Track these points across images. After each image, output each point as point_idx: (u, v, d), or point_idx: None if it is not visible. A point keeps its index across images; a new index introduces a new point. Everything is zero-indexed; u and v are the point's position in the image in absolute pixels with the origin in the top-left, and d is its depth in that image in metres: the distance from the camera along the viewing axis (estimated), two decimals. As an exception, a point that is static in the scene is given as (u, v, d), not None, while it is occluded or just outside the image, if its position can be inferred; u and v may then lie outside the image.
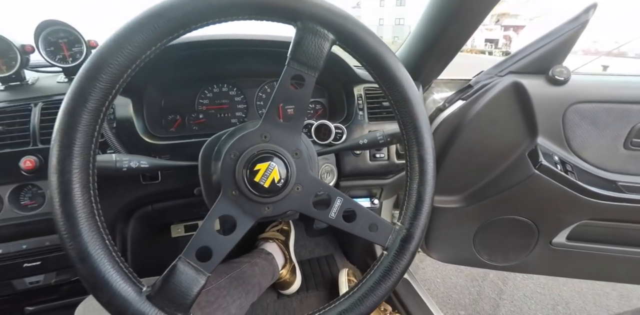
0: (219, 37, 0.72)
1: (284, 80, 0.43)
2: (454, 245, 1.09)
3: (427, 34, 0.79)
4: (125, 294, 0.35)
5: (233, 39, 0.73)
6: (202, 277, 0.38)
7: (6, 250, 0.63)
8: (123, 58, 0.36)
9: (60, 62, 0.72)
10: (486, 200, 0.99)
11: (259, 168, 0.42)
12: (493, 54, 17.13)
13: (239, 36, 0.74)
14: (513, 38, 18.95)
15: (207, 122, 0.84)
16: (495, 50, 17.59)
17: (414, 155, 0.47)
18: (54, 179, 0.35)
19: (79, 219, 0.35)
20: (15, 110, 0.66)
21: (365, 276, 0.45)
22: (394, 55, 0.45)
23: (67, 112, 0.35)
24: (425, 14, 0.78)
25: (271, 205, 0.43)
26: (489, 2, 0.70)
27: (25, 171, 0.62)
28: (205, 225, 0.40)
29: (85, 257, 0.34)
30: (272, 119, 0.44)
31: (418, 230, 0.46)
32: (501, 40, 19.41)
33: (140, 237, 0.74)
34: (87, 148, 0.36)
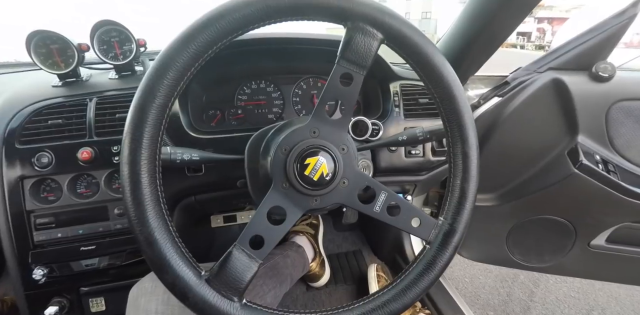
0: (259, 35, 0.75)
1: (334, 78, 0.44)
2: (486, 244, 1.07)
3: (466, 30, 0.78)
4: (187, 278, 0.38)
5: (273, 37, 0.76)
6: (254, 263, 0.40)
7: (64, 234, 0.68)
8: (188, 57, 0.39)
9: (112, 59, 0.77)
10: (521, 199, 0.97)
11: (309, 162, 0.43)
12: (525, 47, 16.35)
13: (278, 35, 0.76)
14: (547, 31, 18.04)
15: (245, 118, 0.87)
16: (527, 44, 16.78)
17: (458, 152, 0.48)
18: (126, 169, 0.38)
19: (147, 206, 0.38)
20: (72, 104, 0.70)
21: (408, 269, 0.46)
22: (441, 54, 0.46)
23: (138, 108, 0.38)
24: (466, 10, 0.77)
25: (319, 198, 0.45)
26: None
27: (82, 161, 0.67)
28: (257, 215, 0.42)
29: (152, 242, 0.37)
30: (321, 115, 0.45)
31: (461, 225, 0.47)
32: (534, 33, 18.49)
33: (182, 226, 0.78)
34: (154, 141, 0.39)
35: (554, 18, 23.56)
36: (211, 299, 0.38)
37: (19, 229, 0.67)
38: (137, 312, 0.53)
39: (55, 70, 0.73)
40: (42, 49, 0.72)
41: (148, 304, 0.53)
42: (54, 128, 0.68)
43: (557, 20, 23.49)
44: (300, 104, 0.91)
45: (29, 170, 0.66)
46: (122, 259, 0.69)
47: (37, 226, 0.67)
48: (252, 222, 0.42)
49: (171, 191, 0.71)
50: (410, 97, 0.84)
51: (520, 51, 16.42)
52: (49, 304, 0.68)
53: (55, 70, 0.73)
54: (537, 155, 0.93)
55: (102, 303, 0.72)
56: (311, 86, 0.91)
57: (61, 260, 0.67)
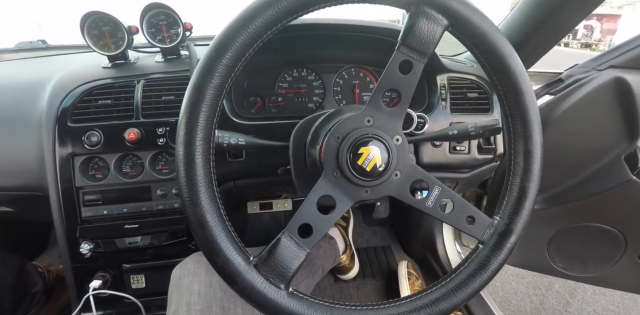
0: (305, 21, 0.73)
1: (392, 65, 0.42)
2: (526, 248, 1.02)
3: (530, 17, 0.73)
4: (236, 262, 0.37)
5: (319, 23, 0.74)
6: (302, 252, 0.40)
7: (110, 212, 0.70)
8: (247, 36, 0.38)
9: (159, 42, 0.77)
10: (569, 205, 0.91)
11: (362, 151, 0.42)
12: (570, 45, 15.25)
13: (324, 21, 0.74)
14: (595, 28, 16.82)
15: (285, 105, 0.86)
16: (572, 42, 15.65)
17: (520, 149, 0.46)
18: (181, 149, 0.38)
19: (200, 188, 0.37)
20: (121, 86, 0.72)
21: (458, 268, 0.44)
22: (509, 45, 0.44)
23: (196, 87, 0.38)
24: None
25: (369, 189, 0.43)
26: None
27: (128, 142, 0.68)
28: (307, 203, 0.41)
29: (204, 224, 0.37)
30: (376, 103, 0.43)
31: (518, 226, 0.44)
32: (581, 31, 17.25)
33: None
34: (210, 122, 0.39)
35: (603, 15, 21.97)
36: (259, 285, 0.37)
37: (68, 204, 0.70)
38: (180, 291, 0.54)
39: (105, 51, 0.75)
40: (95, 30, 0.74)
41: (191, 285, 0.54)
42: (103, 108, 0.70)
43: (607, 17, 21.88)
44: (341, 94, 0.89)
45: (79, 148, 0.68)
46: (163, 239, 0.70)
47: (85, 202, 0.70)
48: (301, 210, 0.41)
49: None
50: (457, 91, 0.80)
51: (564, 49, 15.43)
52: (93, 277, 0.71)
53: (105, 52, 0.75)
54: (589, 159, 0.87)
55: (142, 280, 0.74)
56: (353, 76, 0.89)
57: (106, 236, 0.70)
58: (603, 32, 16.15)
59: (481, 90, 0.80)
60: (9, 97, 0.76)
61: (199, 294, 0.52)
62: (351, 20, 0.73)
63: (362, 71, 0.89)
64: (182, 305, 0.51)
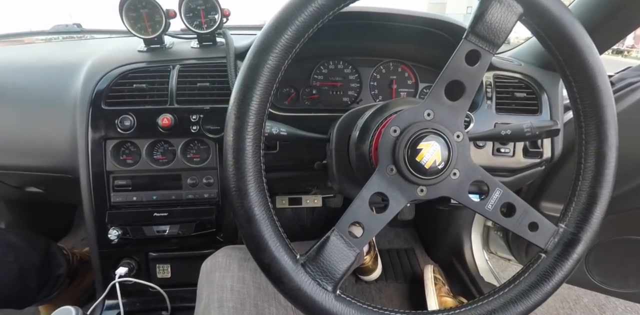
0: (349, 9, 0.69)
1: (459, 55, 0.39)
2: None
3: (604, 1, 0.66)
4: (283, 260, 0.35)
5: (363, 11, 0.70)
6: (352, 252, 0.37)
7: (139, 198, 0.69)
8: (308, 15, 0.35)
9: (196, 28, 0.75)
10: (612, 216, 0.85)
11: (422, 147, 0.38)
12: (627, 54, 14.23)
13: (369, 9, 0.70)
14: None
15: (319, 98, 0.84)
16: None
17: (591, 151, 0.42)
18: (231, 135, 0.35)
19: (249, 178, 0.35)
20: (156, 70, 0.70)
21: (518, 277, 0.40)
22: (589, 38, 0.40)
23: (251, 67, 0.35)
24: None
25: (425, 188, 0.40)
26: None
27: (161, 128, 0.67)
28: (358, 200, 0.38)
29: (251, 218, 0.35)
30: (438, 96, 0.40)
31: (587, 235, 0.41)
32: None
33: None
34: (264, 106, 0.36)
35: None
36: (306, 286, 0.34)
37: (98, 188, 0.69)
38: (210, 286, 0.52)
39: (142, 34, 0.74)
40: (133, 12, 0.72)
41: (223, 280, 0.51)
42: (137, 92, 0.68)
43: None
44: (377, 89, 0.85)
45: (112, 132, 0.67)
46: (192, 229, 0.69)
47: (115, 187, 0.69)
48: (353, 207, 0.38)
49: None
50: (504, 90, 0.75)
51: (608, 58, 14.59)
52: (119, 264, 0.70)
53: (142, 35, 0.74)
54: (638, 169, 0.81)
55: (168, 270, 0.73)
56: (391, 71, 0.85)
57: (135, 223, 0.69)
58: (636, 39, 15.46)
59: (530, 90, 0.75)
60: (44, 77, 0.75)
61: (232, 290, 0.50)
62: (402, 10, 0.69)
63: (401, 66, 0.85)
64: (213, 301, 0.49)
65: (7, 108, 0.74)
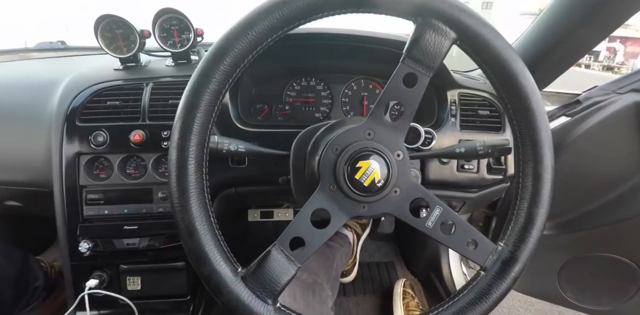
0: (315, 30, 0.73)
1: (396, 78, 0.41)
2: (535, 276, 0.97)
3: (546, 37, 0.71)
4: (223, 273, 0.36)
5: (329, 33, 0.73)
6: (293, 266, 0.38)
7: (111, 212, 0.70)
8: (246, 43, 0.37)
9: (170, 47, 0.78)
10: (582, 233, 0.87)
11: (361, 165, 0.40)
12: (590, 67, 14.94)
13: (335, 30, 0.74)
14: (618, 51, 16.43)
15: (292, 114, 0.86)
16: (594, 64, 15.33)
17: (529, 172, 0.44)
18: (174, 154, 0.37)
19: (191, 194, 0.37)
20: (130, 88, 0.73)
21: (457, 295, 0.41)
22: (521, 62, 0.42)
23: (192, 92, 0.38)
24: (549, 11, 0.70)
25: (367, 205, 0.42)
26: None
27: (133, 143, 0.69)
28: (300, 216, 0.40)
29: (192, 231, 0.36)
30: (378, 116, 0.42)
31: (524, 254, 0.42)
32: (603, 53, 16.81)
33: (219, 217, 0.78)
34: (205, 127, 0.38)
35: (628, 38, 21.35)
36: (245, 298, 0.36)
37: (71, 202, 0.70)
38: None
39: (117, 54, 0.77)
40: (108, 33, 0.75)
41: None
42: (111, 109, 0.71)
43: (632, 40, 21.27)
44: (349, 105, 0.88)
45: (85, 148, 0.69)
46: (161, 241, 0.70)
47: (87, 201, 0.70)
48: (295, 223, 0.39)
49: (213, 181, 0.70)
50: (468, 107, 0.78)
51: (585, 71, 14.93)
52: (90, 276, 0.71)
53: (117, 54, 0.76)
54: (607, 186, 0.83)
55: (138, 282, 0.73)
56: (362, 87, 0.88)
57: (106, 236, 0.70)
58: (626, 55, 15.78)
59: (493, 108, 0.78)
60: (24, 94, 0.78)
61: None
62: (358, 31, 0.72)
63: (372, 83, 0.88)
64: None
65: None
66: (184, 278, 0.75)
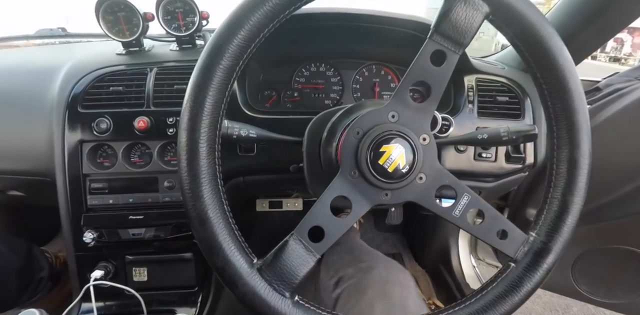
0: (328, 10, 0.69)
1: (423, 55, 0.38)
2: None
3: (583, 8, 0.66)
4: (238, 264, 0.34)
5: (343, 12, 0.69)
6: (312, 257, 0.36)
7: (116, 201, 0.68)
8: (263, 15, 0.34)
9: (175, 30, 0.75)
10: (599, 225, 0.84)
11: (385, 150, 0.38)
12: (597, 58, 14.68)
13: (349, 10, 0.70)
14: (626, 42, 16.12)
15: (301, 101, 0.83)
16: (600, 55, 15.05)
17: (563, 157, 0.41)
18: (184, 136, 0.35)
19: (202, 180, 0.34)
20: (133, 73, 0.70)
21: (485, 288, 0.39)
22: (559, 38, 0.39)
23: (204, 68, 0.35)
24: None
25: (390, 192, 0.39)
26: None
27: (138, 130, 0.66)
28: (320, 204, 0.37)
29: (205, 220, 0.34)
30: (403, 97, 0.39)
31: (557, 245, 0.39)
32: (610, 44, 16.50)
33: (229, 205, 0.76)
34: (218, 107, 0.35)
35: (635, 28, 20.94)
36: (261, 291, 0.33)
37: (75, 192, 0.68)
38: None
39: (120, 37, 0.74)
40: (110, 15, 0.72)
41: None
42: (114, 95, 0.68)
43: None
44: (360, 92, 0.85)
45: (88, 135, 0.67)
46: (167, 232, 0.68)
47: (91, 190, 0.68)
48: (314, 211, 0.37)
49: (222, 169, 0.69)
50: (486, 94, 0.75)
51: (591, 62, 14.65)
52: (95, 267, 0.69)
53: (120, 38, 0.73)
54: (628, 176, 0.79)
55: (144, 273, 0.72)
56: (373, 73, 0.85)
57: (110, 226, 0.68)
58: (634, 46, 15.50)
59: (512, 94, 0.74)
60: (22, 81, 0.75)
61: None
62: (378, 11, 0.69)
63: (384, 69, 0.85)
64: None
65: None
66: (192, 269, 0.73)
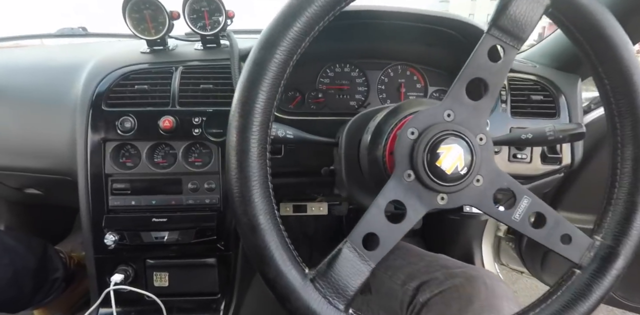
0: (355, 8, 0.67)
1: (481, 50, 0.36)
2: None
3: None
4: (290, 275, 0.31)
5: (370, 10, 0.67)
6: (367, 267, 0.33)
7: (138, 202, 0.66)
8: (320, 6, 0.32)
9: (200, 29, 0.73)
10: None
11: (442, 150, 0.35)
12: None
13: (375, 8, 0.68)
14: None
15: (325, 102, 0.81)
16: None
17: (628, 156, 0.39)
18: (235, 134, 0.32)
19: (254, 183, 0.32)
20: (158, 71, 0.69)
21: (549, 296, 0.37)
22: (622, 31, 0.37)
23: (256, 63, 0.33)
24: None
25: (446, 196, 0.37)
26: None
27: (162, 130, 0.64)
28: (374, 209, 0.35)
29: (255, 227, 0.31)
30: (458, 95, 0.37)
31: (627, 249, 0.37)
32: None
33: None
34: (270, 104, 0.33)
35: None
36: (316, 305, 0.31)
37: (96, 192, 0.66)
38: None
39: (145, 36, 0.72)
40: (136, 13, 0.71)
41: None
42: (139, 93, 0.66)
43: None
44: (386, 93, 0.82)
45: (112, 134, 0.65)
46: (192, 236, 0.65)
47: (113, 191, 0.66)
48: (367, 217, 0.34)
49: None
50: (519, 93, 0.72)
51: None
52: (115, 271, 0.67)
53: (145, 36, 0.72)
54: None
55: (165, 278, 0.69)
56: (399, 74, 0.83)
57: (132, 228, 0.66)
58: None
59: (546, 92, 0.72)
60: (45, 79, 0.74)
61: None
62: (411, 9, 0.66)
63: (409, 69, 0.83)
64: None
65: (7, 109, 0.73)
66: (215, 275, 0.70)
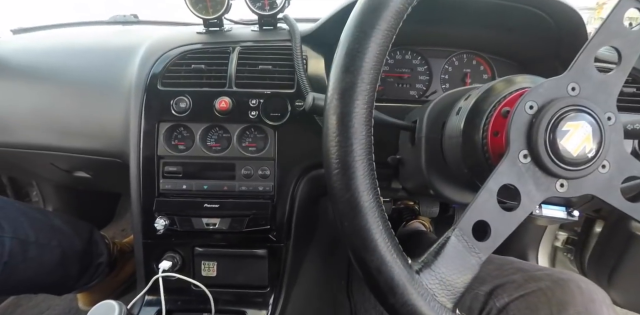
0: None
1: (616, 15, 0.31)
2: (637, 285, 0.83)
3: None
4: (396, 265, 0.27)
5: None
6: (477, 260, 0.28)
7: (189, 187, 0.64)
8: None
9: (259, 9, 0.71)
10: None
11: (569, 128, 0.30)
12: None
13: None
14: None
15: (384, 91, 0.76)
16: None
17: None
18: (334, 108, 0.28)
19: (358, 151, 0.28)
20: (215, 51, 0.67)
21: None
22: None
23: (358, 29, 0.29)
24: None
25: (566, 183, 0.31)
26: None
27: (218, 111, 0.62)
28: (485, 194, 0.30)
29: (359, 206, 0.27)
30: (585, 67, 0.31)
31: None
32: None
33: (305, 200, 0.70)
34: (375, 78, 0.29)
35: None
36: (422, 303, 0.26)
37: (147, 174, 0.64)
38: None
39: (203, 15, 0.70)
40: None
41: None
42: (195, 73, 0.64)
43: None
44: (449, 83, 0.76)
45: (166, 114, 0.63)
46: (244, 224, 0.62)
47: (164, 173, 0.64)
48: (478, 202, 0.29)
49: (310, 157, 0.65)
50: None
51: None
52: (162, 257, 0.65)
53: (203, 15, 0.70)
54: None
55: (213, 268, 0.66)
56: (464, 63, 0.77)
57: (183, 213, 0.63)
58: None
59: (639, 85, 0.64)
60: (99, 58, 0.74)
61: None
62: None
63: (476, 58, 0.76)
64: None
65: (62, 89, 0.73)
66: (265, 267, 0.67)
